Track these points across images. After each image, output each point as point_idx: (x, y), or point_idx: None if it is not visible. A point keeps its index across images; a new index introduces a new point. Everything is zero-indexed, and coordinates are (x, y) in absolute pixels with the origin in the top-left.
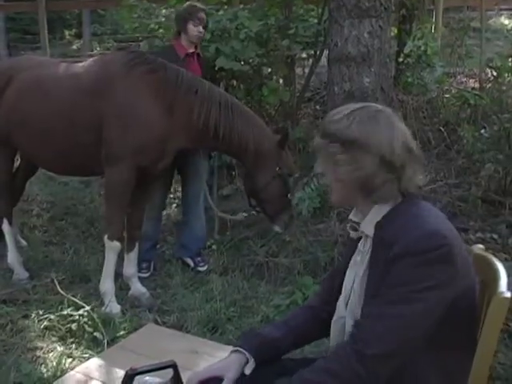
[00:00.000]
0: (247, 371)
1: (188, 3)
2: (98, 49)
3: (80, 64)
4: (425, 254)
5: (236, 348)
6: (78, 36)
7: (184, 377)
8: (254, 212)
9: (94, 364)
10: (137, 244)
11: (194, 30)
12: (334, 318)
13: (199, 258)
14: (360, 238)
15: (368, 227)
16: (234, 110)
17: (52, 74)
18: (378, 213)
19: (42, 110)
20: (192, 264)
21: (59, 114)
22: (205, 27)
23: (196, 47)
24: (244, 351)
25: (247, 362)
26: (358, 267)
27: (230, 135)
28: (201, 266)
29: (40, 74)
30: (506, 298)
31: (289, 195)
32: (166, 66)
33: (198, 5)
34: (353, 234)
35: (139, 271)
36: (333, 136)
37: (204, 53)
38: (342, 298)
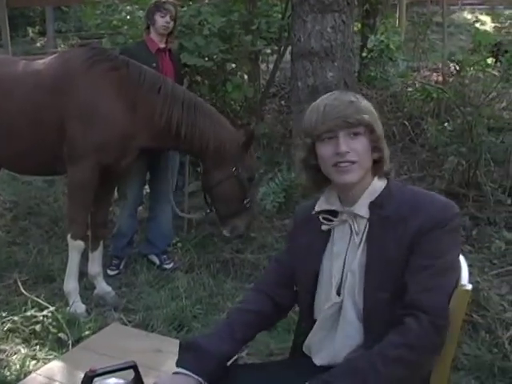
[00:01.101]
0: None
1: None
2: (63, 46)
3: (41, 61)
4: (450, 222)
5: (192, 374)
6: (42, 33)
7: (146, 377)
8: (208, 210)
9: (56, 366)
10: (101, 243)
11: (161, 20)
12: (325, 306)
13: (165, 256)
14: (329, 229)
15: (363, 209)
16: (196, 109)
17: (12, 72)
18: (371, 194)
19: (3, 108)
20: (158, 262)
21: (20, 112)
22: (173, 19)
23: (167, 42)
24: (199, 378)
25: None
26: (350, 252)
27: (192, 135)
28: (166, 264)
29: (1, 72)
30: (467, 291)
31: (246, 201)
32: (129, 63)
33: None
34: (326, 227)
35: (108, 267)
36: (362, 117)
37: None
38: (328, 286)
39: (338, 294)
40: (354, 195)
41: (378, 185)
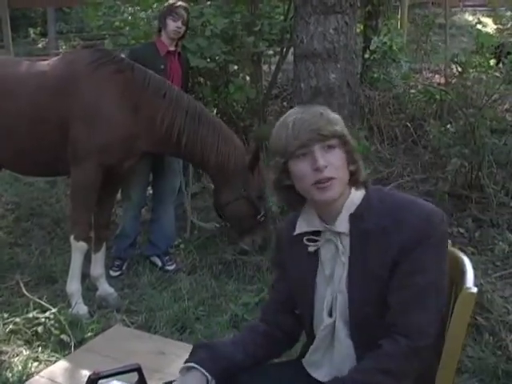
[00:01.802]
0: None
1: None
2: (64, 47)
3: (45, 63)
4: (434, 234)
5: (193, 365)
6: (43, 34)
7: (149, 379)
8: (224, 224)
9: (59, 368)
10: (104, 244)
11: (173, 25)
12: (321, 327)
13: (167, 258)
14: (316, 251)
15: (343, 225)
16: (200, 119)
17: (16, 73)
18: (350, 207)
19: (6, 109)
20: (160, 263)
21: (24, 113)
22: (185, 24)
23: (177, 46)
24: (206, 373)
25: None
26: (338, 271)
27: (193, 144)
28: (169, 266)
29: (3, 73)
30: (473, 294)
31: (259, 216)
32: (134, 66)
33: (180, 2)
34: (312, 248)
35: (110, 268)
36: (335, 129)
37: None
38: (320, 310)
39: (330, 315)
40: (334, 211)
41: (357, 196)
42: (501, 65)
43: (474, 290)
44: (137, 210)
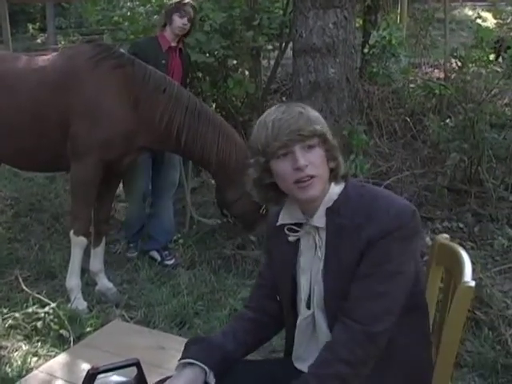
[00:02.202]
0: (212, 382)
1: None
2: (63, 42)
3: (45, 57)
4: (401, 230)
5: (197, 362)
6: (42, 30)
7: (149, 374)
8: (226, 220)
9: (58, 362)
10: (104, 239)
11: (179, 21)
12: (298, 321)
13: (166, 252)
14: (297, 241)
15: (321, 219)
16: (200, 116)
17: (16, 69)
18: (328, 201)
19: (6, 104)
20: (159, 258)
21: (24, 108)
22: (191, 22)
23: (179, 42)
24: (204, 367)
25: (206, 376)
26: (316, 262)
27: (193, 142)
28: (168, 260)
29: (3, 68)
30: (470, 287)
31: (262, 209)
32: (134, 61)
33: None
34: (292, 238)
35: (127, 251)
36: (315, 129)
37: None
38: (302, 300)
39: (308, 307)
40: (313, 205)
41: (335, 190)
42: (500, 59)
43: (472, 283)
44: (141, 202)
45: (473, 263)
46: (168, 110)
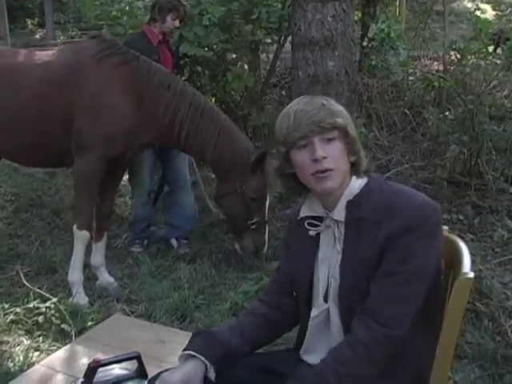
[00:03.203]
0: (212, 378)
1: None
2: (62, 38)
3: (49, 52)
4: (422, 225)
5: (192, 353)
6: (41, 25)
7: (150, 367)
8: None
9: (59, 357)
10: (105, 234)
11: (172, 23)
12: (314, 313)
13: (185, 241)
14: (318, 235)
15: (341, 213)
16: (203, 114)
17: (18, 64)
18: (349, 195)
19: (10, 100)
20: (176, 245)
21: (27, 104)
22: (181, 22)
23: (165, 35)
24: (205, 361)
25: (206, 369)
26: (334, 256)
27: (193, 139)
28: (183, 249)
29: (4, 63)
30: (470, 279)
31: (250, 222)
32: (139, 57)
33: None
34: (313, 232)
35: (132, 246)
36: (335, 121)
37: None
38: (318, 293)
39: (326, 300)
40: (334, 198)
41: (357, 184)
42: (499, 51)
43: (471, 274)
44: (146, 196)
45: (473, 255)
46: (172, 106)
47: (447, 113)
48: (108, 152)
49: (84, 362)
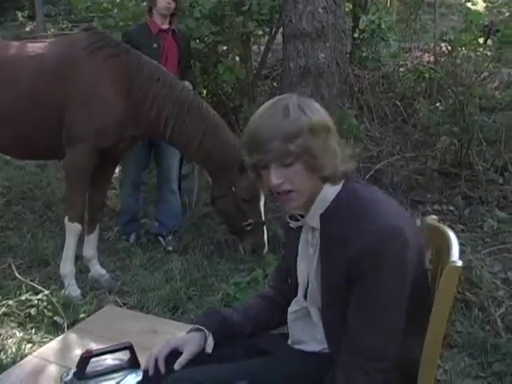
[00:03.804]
0: (209, 349)
1: None
2: (52, 30)
3: (42, 45)
4: (383, 253)
5: (195, 326)
6: (31, 18)
7: (142, 357)
8: None
9: (52, 348)
10: (97, 226)
11: (163, 1)
12: (294, 308)
13: (170, 237)
14: (301, 227)
15: (314, 220)
16: (190, 109)
17: (11, 56)
18: (321, 203)
19: (2, 92)
20: (164, 244)
21: (21, 96)
22: (175, 0)
23: (170, 23)
24: (202, 328)
25: (206, 340)
26: (310, 259)
27: (178, 134)
28: (170, 246)
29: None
30: (458, 267)
31: (245, 223)
32: (130, 50)
33: None
34: (293, 224)
35: (119, 242)
36: (296, 132)
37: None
38: (300, 289)
39: (306, 298)
40: (306, 205)
41: (330, 193)
42: (490, 42)
43: (459, 263)
44: (133, 188)
45: (463, 245)
46: (159, 99)
47: (438, 104)
48: (99, 144)
49: (77, 352)
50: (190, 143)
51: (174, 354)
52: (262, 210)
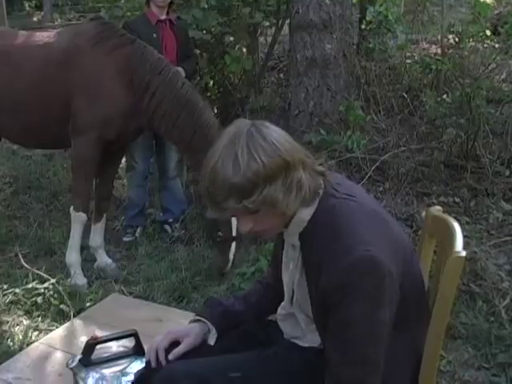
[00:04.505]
0: (211, 341)
1: None
2: (60, 20)
3: (51, 34)
4: (357, 285)
5: (197, 317)
6: (39, 7)
7: (147, 345)
8: None
9: (58, 335)
10: (104, 215)
11: None
12: (282, 312)
13: (177, 225)
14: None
15: (294, 238)
16: (186, 107)
17: (21, 45)
18: (298, 224)
19: (13, 81)
20: (170, 230)
21: (30, 85)
22: None
23: (168, 13)
24: (205, 320)
25: (209, 332)
26: (292, 272)
27: (171, 131)
28: (177, 232)
29: (6, 44)
30: (461, 258)
31: (216, 233)
32: (135, 41)
33: None
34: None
35: (123, 236)
36: (251, 187)
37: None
38: (286, 295)
39: (292, 303)
40: (285, 225)
41: (305, 213)
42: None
43: (463, 253)
44: (141, 179)
45: (468, 237)
46: (158, 93)
47: (445, 96)
48: (104, 134)
49: (82, 339)
50: (181, 140)
51: (176, 344)
52: (234, 225)
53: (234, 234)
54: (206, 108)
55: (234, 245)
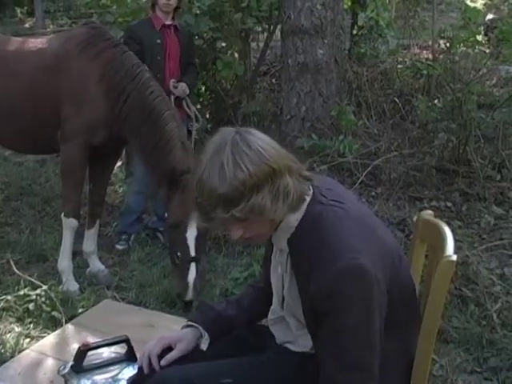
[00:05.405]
0: (204, 346)
1: None
2: (52, 26)
3: (44, 40)
4: (345, 292)
5: (189, 323)
6: (30, 14)
7: (139, 351)
8: None
9: (49, 342)
10: (97, 221)
11: None
12: (273, 316)
13: None
14: None
15: (282, 243)
16: (150, 116)
17: (14, 51)
18: (286, 229)
19: (7, 87)
20: (162, 239)
21: (22, 90)
22: None
23: (173, 19)
24: (198, 326)
25: (201, 337)
26: (280, 276)
27: (134, 139)
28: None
29: (0, 50)
30: (452, 261)
31: (175, 254)
32: (117, 46)
33: None
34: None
35: (117, 243)
36: (238, 197)
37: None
38: (275, 299)
39: (282, 307)
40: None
41: (293, 219)
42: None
43: (454, 257)
44: (140, 186)
45: (460, 241)
46: (129, 101)
47: (436, 101)
48: (91, 140)
49: (74, 346)
50: (143, 150)
51: (168, 349)
52: (192, 244)
53: (192, 254)
54: (169, 119)
55: (193, 267)
